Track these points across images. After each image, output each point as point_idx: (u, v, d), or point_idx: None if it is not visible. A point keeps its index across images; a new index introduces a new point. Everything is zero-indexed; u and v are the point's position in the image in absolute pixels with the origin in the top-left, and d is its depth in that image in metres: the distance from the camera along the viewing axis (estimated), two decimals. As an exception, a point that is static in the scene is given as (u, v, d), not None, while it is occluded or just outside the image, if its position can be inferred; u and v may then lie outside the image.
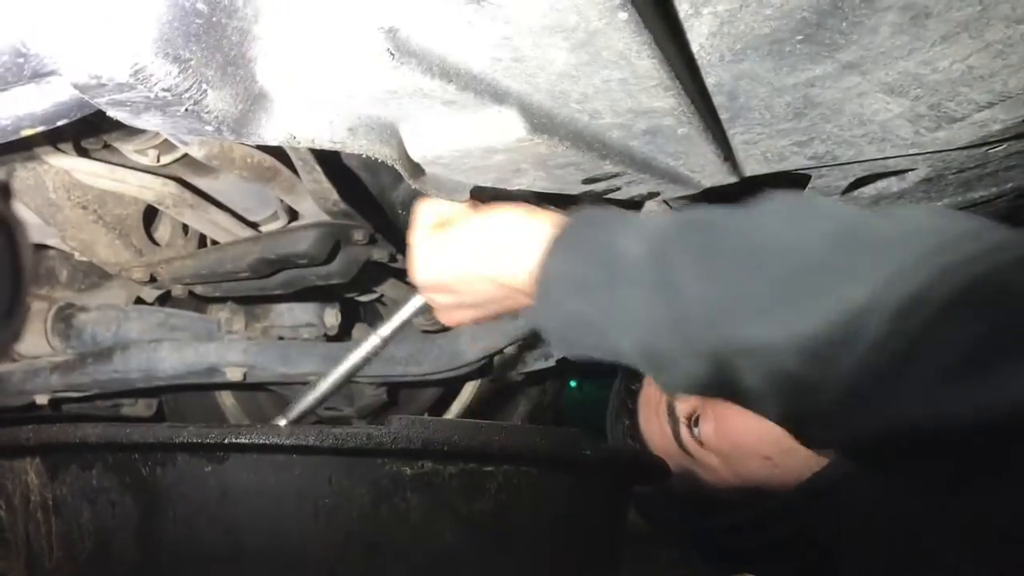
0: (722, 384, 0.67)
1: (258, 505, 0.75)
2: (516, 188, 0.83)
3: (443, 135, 0.70)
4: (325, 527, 0.76)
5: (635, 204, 0.98)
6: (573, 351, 0.78)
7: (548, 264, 0.76)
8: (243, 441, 0.73)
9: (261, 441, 0.72)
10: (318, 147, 0.67)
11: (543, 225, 0.79)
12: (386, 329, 1.03)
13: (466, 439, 0.75)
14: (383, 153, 0.68)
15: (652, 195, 0.94)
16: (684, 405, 1.19)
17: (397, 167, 0.70)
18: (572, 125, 0.74)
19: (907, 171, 0.98)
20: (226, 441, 0.73)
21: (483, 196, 0.88)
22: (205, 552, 0.76)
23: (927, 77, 0.76)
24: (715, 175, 0.90)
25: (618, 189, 0.90)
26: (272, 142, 0.67)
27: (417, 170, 0.75)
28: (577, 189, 0.88)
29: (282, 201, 1.31)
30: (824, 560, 1.07)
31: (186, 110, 0.63)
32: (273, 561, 0.76)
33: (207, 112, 0.64)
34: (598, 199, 0.93)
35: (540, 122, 0.70)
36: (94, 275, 1.68)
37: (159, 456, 0.76)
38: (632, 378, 1.33)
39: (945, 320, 0.57)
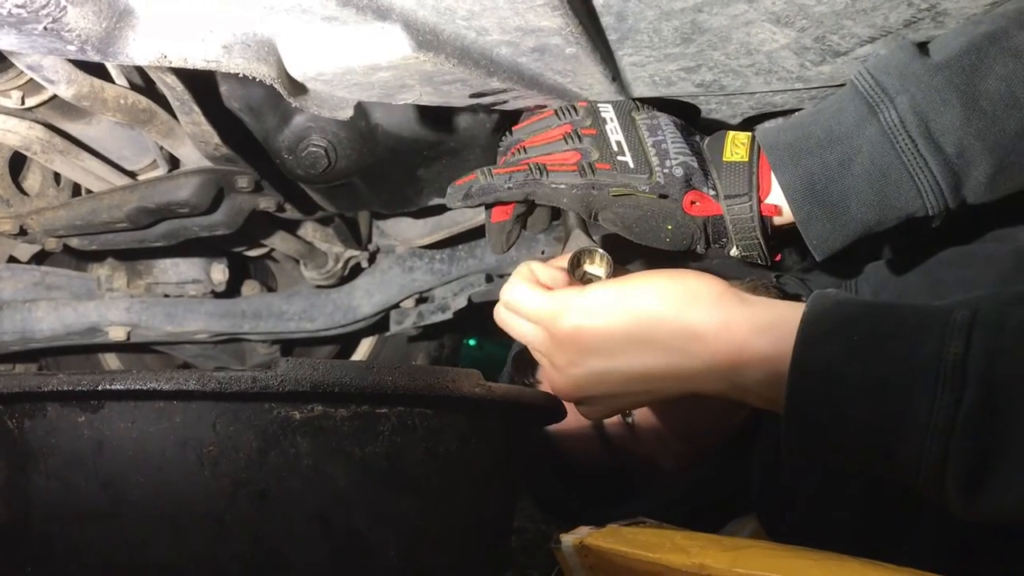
0: None
1: (137, 455, 0.72)
2: (401, 102, 0.81)
3: (324, 52, 0.67)
4: (211, 476, 0.73)
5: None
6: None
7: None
8: (118, 387, 0.68)
9: (137, 387, 0.68)
10: (191, 67, 0.63)
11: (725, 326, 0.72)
12: None
13: (357, 380, 0.73)
14: (261, 72, 0.65)
15: (539, 107, 0.94)
16: None
17: (276, 86, 0.67)
18: (459, 42, 0.72)
19: (794, 111, 1.00)
20: (100, 388, 0.68)
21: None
22: (81, 507, 0.72)
23: (812, 8, 0.77)
24: (603, 94, 0.91)
25: (505, 103, 0.91)
26: (142, 62, 0.63)
27: (298, 88, 0.72)
28: (464, 103, 0.87)
29: (162, 149, 1.25)
30: None
31: (44, 28, 0.59)
32: (156, 514, 0.72)
33: (68, 31, 0.59)
34: (488, 111, 0.93)
35: (426, 39, 0.68)
36: (-40, 233, 1.58)
37: (27, 407, 0.71)
38: (523, 372, 1.21)
39: None
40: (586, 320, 0.78)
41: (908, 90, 0.78)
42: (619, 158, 0.86)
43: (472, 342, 4.03)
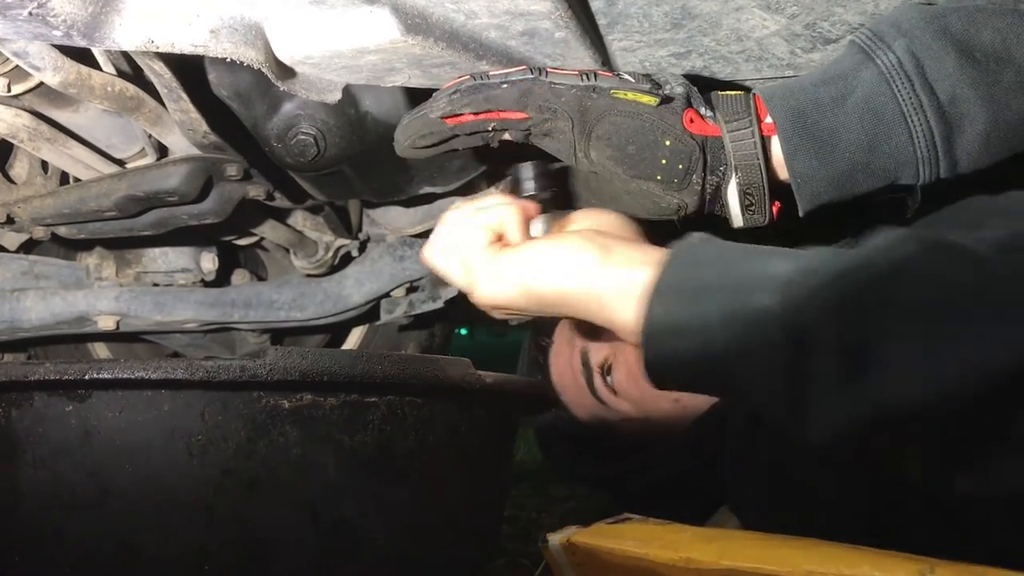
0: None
1: (125, 445, 0.71)
2: (390, 84, 0.81)
3: (312, 36, 0.67)
4: (199, 465, 0.73)
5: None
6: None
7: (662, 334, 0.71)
8: (106, 376, 0.68)
9: (125, 376, 0.68)
10: (178, 51, 0.62)
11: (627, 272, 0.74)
12: None
13: (346, 369, 0.73)
14: (248, 56, 0.64)
15: None
16: (597, 355, 1.18)
17: (264, 70, 0.67)
18: (448, 25, 0.72)
19: (785, 98, 1.00)
20: (87, 377, 0.68)
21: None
22: (69, 497, 0.72)
23: (803, -6, 0.77)
24: (592, 79, 0.90)
25: None
26: (128, 47, 0.62)
27: (286, 72, 0.72)
28: None
29: (150, 137, 1.24)
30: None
31: (30, 13, 0.59)
32: (143, 503, 0.72)
33: (54, 16, 0.59)
34: None
35: (414, 22, 0.68)
36: (-53, 222, 1.57)
37: (13, 396, 0.71)
38: (541, 334, 1.30)
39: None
40: (498, 292, 0.79)
41: (905, 36, 0.79)
42: (621, 74, 0.84)
43: (463, 331, 4.01)
